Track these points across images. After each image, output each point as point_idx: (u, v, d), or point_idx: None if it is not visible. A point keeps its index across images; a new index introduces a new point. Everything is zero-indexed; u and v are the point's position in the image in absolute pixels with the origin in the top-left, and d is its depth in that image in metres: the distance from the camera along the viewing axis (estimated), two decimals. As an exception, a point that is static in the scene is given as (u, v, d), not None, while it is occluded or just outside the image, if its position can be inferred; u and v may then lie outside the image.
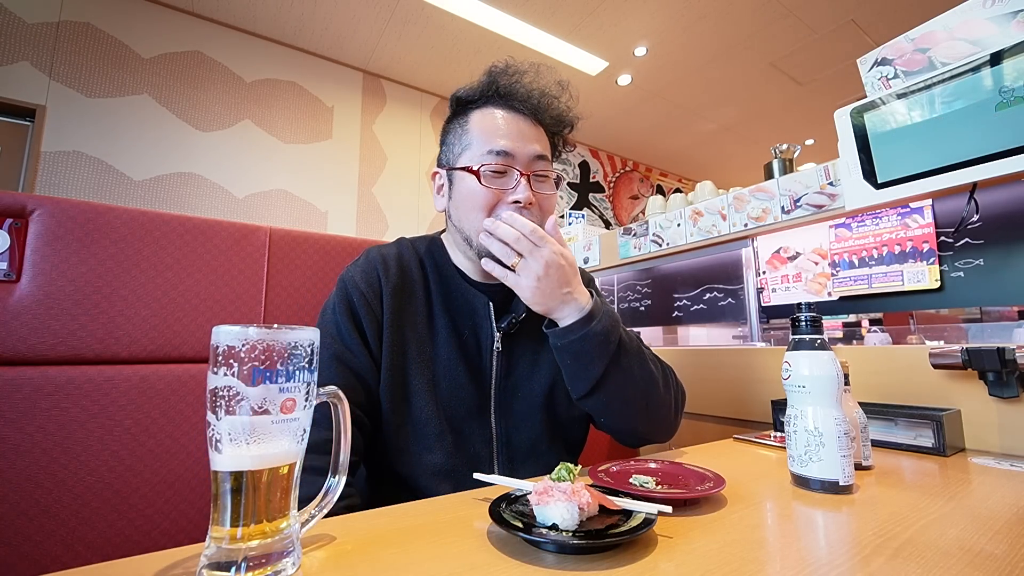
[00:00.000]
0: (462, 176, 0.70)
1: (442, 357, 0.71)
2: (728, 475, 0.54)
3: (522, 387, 0.75)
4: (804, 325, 0.59)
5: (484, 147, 0.69)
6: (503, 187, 0.69)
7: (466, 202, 0.70)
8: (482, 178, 0.68)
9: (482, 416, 0.72)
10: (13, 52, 2.50)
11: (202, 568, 0.33)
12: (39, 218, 0.69)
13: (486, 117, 0.72)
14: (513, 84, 0.73)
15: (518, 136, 0.70)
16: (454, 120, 0.76)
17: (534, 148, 0.70)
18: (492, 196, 0.68)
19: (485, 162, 0.68)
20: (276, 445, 0.34)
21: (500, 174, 0.69)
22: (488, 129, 0.70)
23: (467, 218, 0.70)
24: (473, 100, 0.74)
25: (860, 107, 0.90)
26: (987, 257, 0.93)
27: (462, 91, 0.75)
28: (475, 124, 0.72)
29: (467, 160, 0.70)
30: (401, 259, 0.74)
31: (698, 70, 3.82)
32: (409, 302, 0.72)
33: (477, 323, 0.74)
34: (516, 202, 0.68)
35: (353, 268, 0.73)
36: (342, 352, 0.67)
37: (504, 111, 0.72)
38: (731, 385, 1.16)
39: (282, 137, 3.29)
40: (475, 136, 0.71)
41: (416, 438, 0.68)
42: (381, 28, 3.26)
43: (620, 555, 0.38)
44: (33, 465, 0.62)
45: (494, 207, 0.69)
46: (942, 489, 0.55)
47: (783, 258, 1.31)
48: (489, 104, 0.73)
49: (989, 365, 0.72)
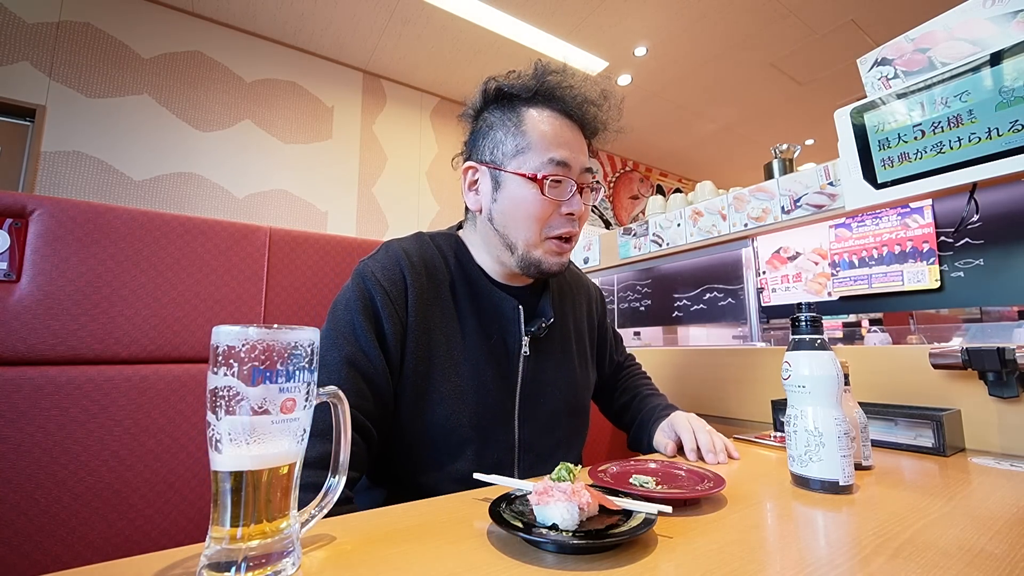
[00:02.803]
0: (516, 181, 0.67)
1: (470, 362, 0.68)
2: (728, 475, 0.54)
3: (546, 392, 0.73)
4: (804, 325, 0.59)
5: (546, 153, 0.66)
6: (560, 197, 0.67)
7: (520, 210, 0.67)
8: (545, 188, 0.65)
9: (506, 423, 0.70)
10: (13, 52, 2.50)
11: (202, 568, 0.33)
12: (39, 218, 0.69)
13: (543, 120, 0.68)
14: (568, 87, 0.69)
15: (575, 144, 0.68)
16: (499, 113, 0.70)
17: (585, 160, 0.69)
18: (550, 207, 0.67)
19: (547, 171, 0.65)
20: (276, 445, 0.34)
21: (557, 183, 0.67)
22: (548, 133, 0.67)
23: (518, 227, 0.68)
24: (523, 95, 0.69)
25: (860, 107, 0.90)
26: (987, 257, 0.93)
27: (507, 83, 0.70)
28: (531, 124, 0.67)
29: (525, 164, 0.66)
30: (426, 257, 0.70)
31: (698, 70, 3.82)
32: (436, 304, 0.68)
33: (505, 327, 0.71)
34: (570, 214, 0.67)
35: (373, 263, 0.67)
36: (356, 355, 0.62)
37: (560, 116, 0.69)
38: (731, 385, 1.16)
39: (282, 137, 3.29)
40: (534, 138, 0.67)
41: (439, 446, 0.65)
42: (381, 28, 3.26)
43: (620, 555, 0.38)
44: (33, 465, 0.62)
45: (549, 217, 0.67)
46: (942, 489, 0.55)
47: (783, 258, 1.31)
48: (542, 104, 0.69)
49: (989, 365, 0.72)
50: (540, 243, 0.68)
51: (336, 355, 0.62)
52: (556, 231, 0.68)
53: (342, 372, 0.61)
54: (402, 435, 0.65)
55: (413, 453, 0.65)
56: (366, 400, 0.62)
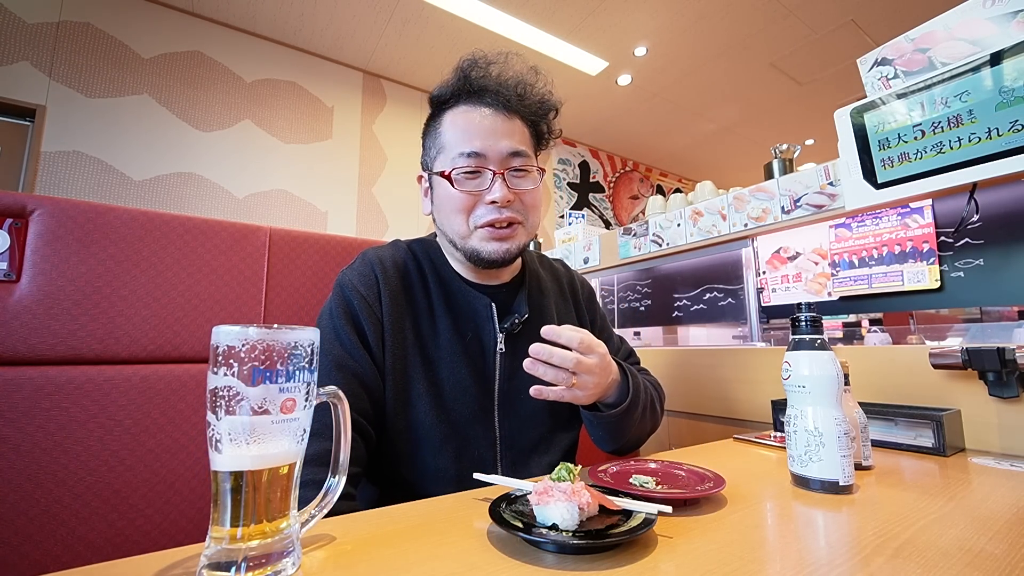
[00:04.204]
0: (439, 180, 0.71)
1: (445, 360, 0.70)
2: (728, 475, 0.54)
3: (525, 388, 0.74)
4: (804, 325, 0.59)
5: (455, 149, 0.69)
6: (478, 188, 0.69)
7: (445, 206, 0.71)
8: (454, 182, 0.68)
9: (486, 419, 0.71)
10: (13, 52, 2.50)
11: (202, 568, 0.33)
12: (39, 218, 0.69)
13: (457, 118, 0.71)
14: (483, 78, 0.71)
15: (490, 134, 0.69)
16: (430, 122, 0.75)
17: (507, 144, 0.69)
18: (469, 199, 0.69)
19: (457, 165, 0.68)
20: (276, 445, 0.34)
21: (474, 175, 0.68)
22: (459, 130, 0.70)
23: (448, 221, 0.71)
24: (446, 100, 0.73)
25: (860, 107, 0.90)
26: (987, 257, 0.93)
27: (436, 91, 0.74)
28: (447, 126, 0.71)
29: (441, 164, 0.70)
30: (398, 261, 0.74)
31: (698, 70, 3.82)
32: (409, 305, 0.71)
33: (479, 325, 0.73)
34: (493, 202, 0.68)
35: (350, 272, 0.72)
36: (343, 358, 0.65)
37: (475, 108, 0.71)
38: (731, 385, 1.16)
39: (282, 137, 3.29)
40: (447, 139, 0.70)
41: (420, 443, 0.67)
42: (381, 28, 3.26)
43: (620, 555, 0.38)
44: (33, 465, 0.62)
45: (472, 208, 0.69)
46: (942, 489, 0.55)
47: (783, 258, 1.31)
48: (461, 102, 0.72)
49: (989, 365, 0.72)
50: (470, 233, 0.70)
51: (326, 360, 0.64)
52: (483, 219, 0.69)
53: (333, 375, 0.64)
54: (387, 433, 0.67)
55: (398, 450, 0.67)
56: (360, 400, 0.64)
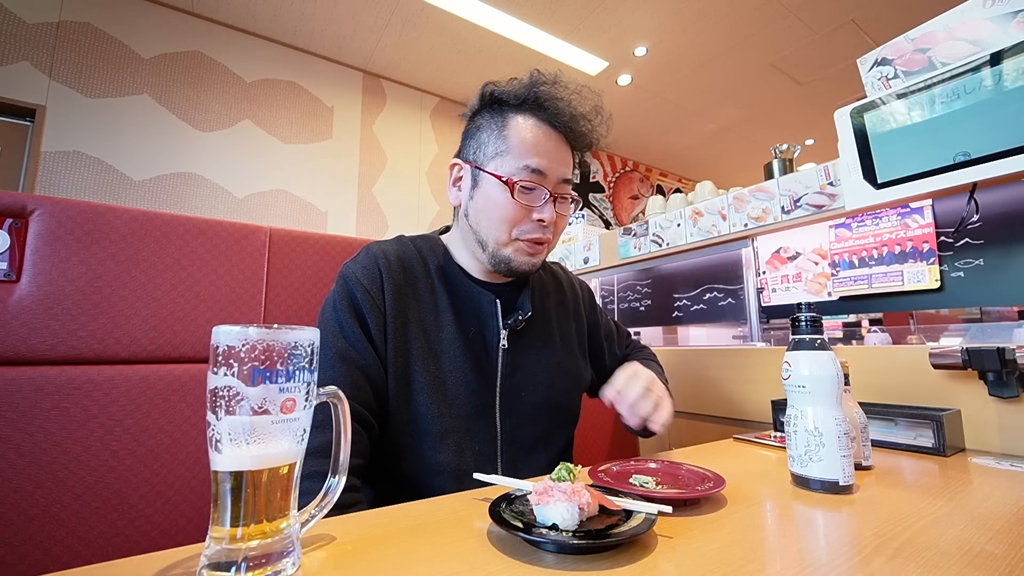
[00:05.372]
0: (491, 182, 0.69)
1: (448, 355, 0.70)
2: (728, 475, 0.54)
3: (526, 385, 0.75)
4: (804, 325, 0.59)
5: (521, 160, 0.68)
6: (531, 203, 0.69)
7: (491, 210, 0.69)
8: (515, 192, 0.67)
9: (487, 414, 0.71)
10: (13, 52, 2.50)
11: (202, 568, 0.33)
12: (39, 218, 0.69)
13: (526, 127, 0.69)
14: (556, 99, 0.71)
15: (554, 155, 0.69)
16: (488, 116, 0.72)
17: (564, 171, 0.71)
18: (521, 211, 0.69)
19: (521, 176, 0.67)
20: (276, 445, 0.34)
21: (529, 190, 0.69)
22: (528, 141, 0.69)
23: (489, 226, 0.70)
24: (512, 102, 0.71)
25: (860, 107, 0.90)
26: (987, 257, 0.93)
27: (500, 89, 0.72)
28: (514, 130, 0.69)
29: (501, 167, 0.69)
30: (402, 255, 0.73)
31: (698, 70, 3.82)
32: (413, 299, 0.71)
33: (483, 321, 0.73)
34: (540, 220, 0.69)
35: (353, 264, 0.71)
36: (346, 350, 0.65)
37: (544, 125, 0.70)
38: (731, 385, 1.16)
39: (282, 137, 3.29)
40: (513, 144, 0.69)
41: (421, 437, 0.67)
42: (381, 28, 3.26)
43: (620, 555, 0.38)
44: (33, 465, 0.62)
45: (519, 221, 0.69)
46: (942, 489, 0.55)
47: (783, 258, 1.31)
48: (529, 112, 0.70)
49: (989, 365, 0.72)
50: (509, 243, 0.70)
51: (328, 353, 0.64)
52: (527, 235, 0.70)
53: (336, 367, 0.64)
54: (388, 426, 0.67)
55: (399, 443, 0.67)
56: (363, 391, 0.64)
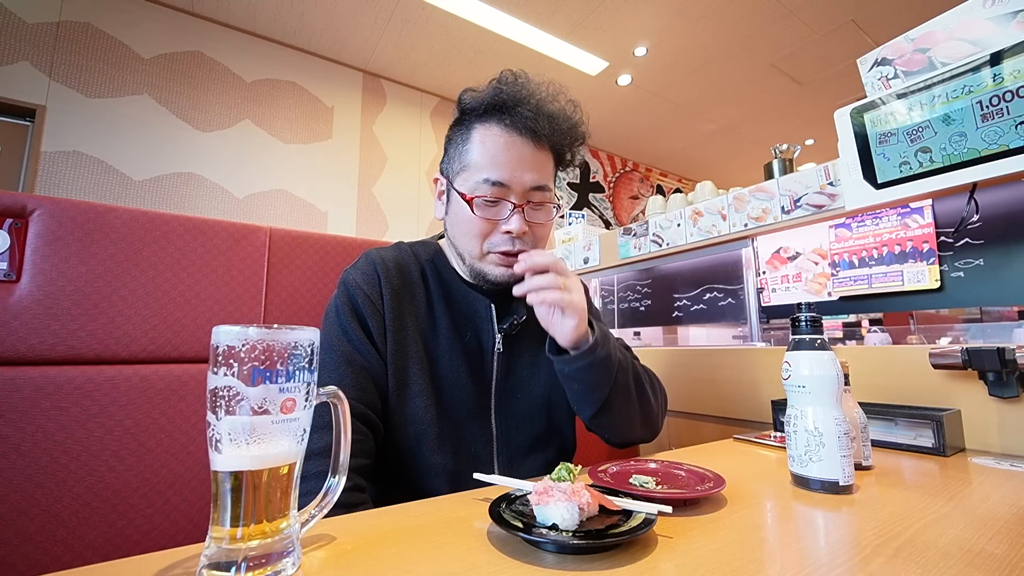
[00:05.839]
0: (457, 198, 0.70)
1: (444, 359, 0.71)
2: (728, 475, 0.54)
3: (522, 388, 0.76)
4: (804, 325, 0.59)
5: (480, 174, 0.67)
6: (496, 216, 0.69)
7: (462, 225, 0.70)
8: (475, 208, 0.67)
9: (483, 417, 0.72)
10: (13, 52, 2.50)
11: (202, 568, 0.33)
12: (39, 218, 0.69)
13: (487, 137, 0.68)
14: (519, 102, 0.69)
15: (517, 164, 0.67)
16: (458, 128, 0.73)
17: (531, 178, 0.68)
18: (486, 225, 0.69)
19: (479, 192, 0.67)
20: (276, 445, 0.34)
21: (493, 203, 0.68)
22: (487, 155, 0.67)
23: (463, 240, 0.71)
24: (477, 110, 0.70)
25: (860, 107, 0.90)
26: (987, 257, 0.93)
27: (468, 97, 0.71)
28: (475, 143, 0.69)
29: (463, 183, 0.69)
30: (400, 261, 0.74)
31: (698, 70, 3.82)
32: (410, 304, 0.72)
33: (479, 325, 0.74)
34: (508, 232, 0.68)
35: (353, 271, 0.73)
36: (351, 354, 0.66)
37: (506, 132, 0.68)
38: (731, 385, 1.16)
39: (282, 137, 3.29)
40: (474, 158, 0.68)
41: (418, 439, 0.68)
42: (381, 28, 3.26)
43: (620, 555, 0.38)
44: (33, 465, 0.62)
45: (488, 234, 0.69)
46: (942, 489, 0.55)
47: (783, 258, 1.31)
48: (492, 119, 0.69)
49: (989, 365, 0.72)
50: (482, 256, 0.71)
51: (334, 356, 0.66)
52: (497, 248, 0.69)
53: (342, 370, 0.65)
54: (387, 427, 0.68)
55: (398, 445, 0.68)
56: (368, 393, 0.65)
